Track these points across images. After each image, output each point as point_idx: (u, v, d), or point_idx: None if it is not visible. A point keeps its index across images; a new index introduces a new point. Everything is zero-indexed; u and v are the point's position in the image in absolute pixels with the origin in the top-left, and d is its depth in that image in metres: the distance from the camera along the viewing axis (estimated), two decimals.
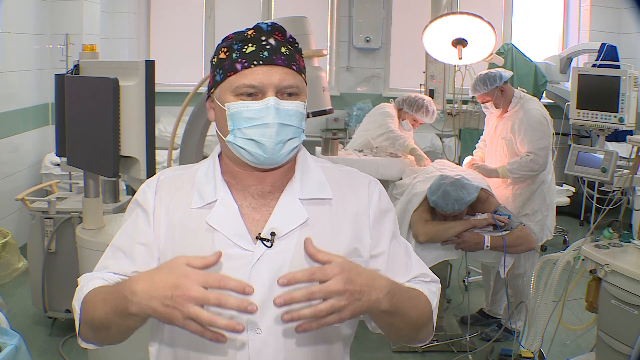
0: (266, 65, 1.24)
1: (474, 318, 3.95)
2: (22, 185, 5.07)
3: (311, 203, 1.31)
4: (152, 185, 1.35)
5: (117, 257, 1.31)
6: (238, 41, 1.27)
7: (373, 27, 6.96)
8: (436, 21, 4.20)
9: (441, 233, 3.25)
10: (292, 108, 1.26)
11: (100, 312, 1.18)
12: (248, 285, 1.06)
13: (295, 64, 1.29)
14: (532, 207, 3.77)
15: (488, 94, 3.80)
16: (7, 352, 1.89)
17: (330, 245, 1.26)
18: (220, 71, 1.28)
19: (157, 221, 1.31)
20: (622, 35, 6.66)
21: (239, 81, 1.25)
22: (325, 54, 2.82)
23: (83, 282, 1.29)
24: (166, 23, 7.16)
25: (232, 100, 1.26)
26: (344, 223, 1.31)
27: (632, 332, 2.50)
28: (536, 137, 3.64)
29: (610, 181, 3.01)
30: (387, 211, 1.39)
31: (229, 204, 1.29)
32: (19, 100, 5.20)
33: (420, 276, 1.38)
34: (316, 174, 1.35)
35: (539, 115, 3.69)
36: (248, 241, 1.26)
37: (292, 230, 1.27)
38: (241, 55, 1.26)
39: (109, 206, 3.61)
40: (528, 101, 3.79)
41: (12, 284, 4.14)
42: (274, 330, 1.23)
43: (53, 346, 3.57)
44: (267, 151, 1.25)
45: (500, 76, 3.76)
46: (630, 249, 2.79)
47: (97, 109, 2.37)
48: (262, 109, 1.23)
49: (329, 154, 4.34)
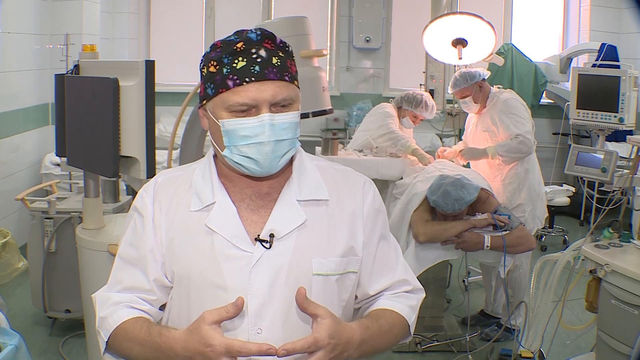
0: (258, 81, 1.23)
1: (475, 319, 3.95)
2: (22, 185, 5.07)
3: (308, 204, 1.33)
4: (149, 190, 1.36)
5: (128, 270, 1.33)
6: (227, 54, 1.25)
7: (373, 27, 6.96)
8: (436, 21, 4.20)
9: (441, 233, 3.25)
10: (287, 120, 1.26)
11: (138, 355, 1.25)
12: (269, 347, 1.13)
13: (288, 73, 1.27)
14: (523, 197, 3.83)
15: (467, 89, 3.90)
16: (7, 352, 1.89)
17: (327, 245, 1.31)
18: (211, 85, 1.27)
19: (158, 226, 1.32)
20: (622, 35, 6.66)
21: (232, 99, 1.24)
22: (325, 54, 2.82)
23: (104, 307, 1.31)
24: (166, 23, 7.16)
25: (226, 117, 1.25)
26: (340, 223, 1.34)
27: (632, 332, 2.50)
28: (520, 121, 3.75)
29: (610, 181, 3.01)
30: (380, 212, 1.42)
31: (227, 206, 1.31)
32: (19, 100, 5.19)
33: (401, 283, 1.42)
34: (313, 175, 1.37)
35: (516, 103, 3.83)
36: (247, 242, 1.28)
37: (290, 232, 1.29)
38: (232, 71, 1.24)
39: (109, 206, 3.61)
40: (504, 93, 3.92)
41: (12, 284, 4.14)
42: (274, 330, 1.26)
43: (53, 346, 3.57)
44: (263, 167, 1.27)
45: (479, 74, 3.90)
46: (630, 249, 2.79)
47: (97, 109, 2.37)
48: (256, 126, 1.24)
49: (329, 153, 4.34)
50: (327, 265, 1.30)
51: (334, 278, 1.32)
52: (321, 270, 1.30)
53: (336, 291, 1.33)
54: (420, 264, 3.28)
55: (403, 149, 4.24)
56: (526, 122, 3.75)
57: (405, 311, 1.38)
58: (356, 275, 1.36)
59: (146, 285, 1.31)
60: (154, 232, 1.32)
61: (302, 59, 2.63)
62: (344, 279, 1.34)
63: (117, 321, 1.28)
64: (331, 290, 1.32)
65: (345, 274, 1.34)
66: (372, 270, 1.38)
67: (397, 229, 3.52)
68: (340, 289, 1.34)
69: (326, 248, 1.31)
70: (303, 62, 2.64)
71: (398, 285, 1.42)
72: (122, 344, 1.27)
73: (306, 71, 2.63)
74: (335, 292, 1.33)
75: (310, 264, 1.29)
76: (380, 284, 1.40)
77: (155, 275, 1.31)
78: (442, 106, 4.71)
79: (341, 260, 1.32)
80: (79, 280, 2.91)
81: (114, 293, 1.33)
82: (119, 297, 1.32)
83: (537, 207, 3.90)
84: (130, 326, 1.26)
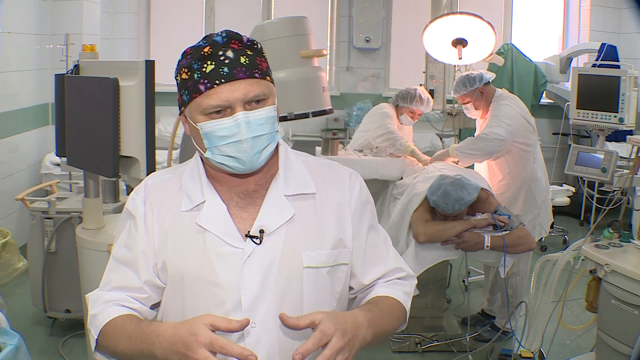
0: (229, 82, 1.25)
1: (475, 319, 3.95)
2: (22, 185, 5.07)
3: (296, 199, 1.35)
4: (140, 192, 1.39)
5: (120, 270, 1.35)
6: (196, 59, 1.28)
7: (373, 27, 6.96)
8: (436, 21, 4.20)
9: (441, 233, 3.25)
10: (262, 116, 1.28)
11: (124, 348, 1.25)
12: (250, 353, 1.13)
13: (258, 70, 1.29)
14: (521, 208, 3.79)
15: (468, 94, 3.84)
16: (7, 352, 1.89)
17: (316, 238, 1.34)
18: (185, 92, 1.30)
19: (150, 227, 1.34)
20: (622, 35, 6.66)
21: (205, 102, 1.26)
22: (325, 54, 2.82)
23: (95, 305, 1.33)
24: (166, 23, 7.16)
25: (203, 120, 1.28)
26: (328, 216, 1.37)
27: (632, 332, 2.50)
28: (495, 123, 3.67)
29: (610, 181, 3.01)
30: (367, 203, 1.45)
31: (217, 204, 1.34)
32: (19, 100, 5.19)
33: (395, 271, 1.45)
34: (299, 169, 1.39)
35: (507, 108, 3.72)
36: (238, 239, 1.31)
37: (279, 227, 1.32)
38: (202, 75, 1.26)
39: (109, 206, 3.61)
40: (505, 98, 3.82)
41: (12, 284, 4.14)
42: (268, 323, 1.28)
43: (53, 346, 3.57)
44: (246, 164, 1.30)
45: (481, 77, 3.80)
46: (630, 249, 2.79)
47: (97, 109, 2.37)
48: (232, 125, 1.26)
49: (329, 153, 4.34)
50: (317, 258, 1.33)
51: (324, 270, 1.34)
52: (311, 263, 1.32)
53: (328, 283, 1.35)
54: (420, 264, 3.28)
55: (402, 149, 4.25)
56: (500, 128, 3.63)
57: (401, 297, 1.42)
58: (347, 267, 1.39)
59: (137, 283, 1.33)
60: (146, 234, 1.34)
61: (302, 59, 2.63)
62: (335, 271, 1.36)
63: (107, 318, 1.29)
64: (323, 283, 1.34)
65: (336, 266, 1.36)
66: (364, 260, 1.41)
67: (397, 229, 3.52)
68: (332, 281, 1.36)
69: (316, 241, 1.33)
70: (303, 62, 2.65)
71: (391, 272, 1.45)
72: (110, 339, 1.28)
73: (306, 71, 2.64)
74: (327, 285, 1.35)
75: (300, 258, 1.31)
76: (374, 273, 1.43)
77: (147, 276, 1.33)
78: (442, 106, 4.70)
79: (331, 253, 1.35)
80: (79, 280, 2.91)
81: (105, 292, 1.35)
82: (110, 295, 1.34)
83: (541, 215, 3.85)
84: (120, 321, 1.28)
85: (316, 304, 1.32)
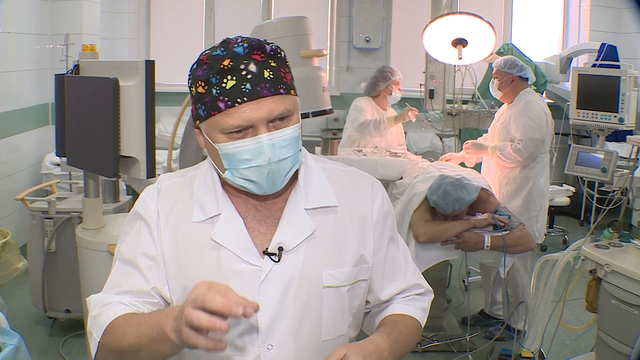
0: (251, 100, 1.14)
1: (475, 319, 3.95)
2: (22, 185, 5.07)
3: (317, 212, 1.27)
4: (152, 195, 1.30)
5: (128, 274, 1.26)
6: (215, 73, 1.16)
7: (373, 27, 6.96)
8: (436, 21, 4.20)
9: (441, 233, 3.25)
10: (287, 136, 1.19)
11: (132, 336, 1.12)
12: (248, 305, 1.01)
13: (282, 85, 1.18)
14: (519, 203, 3.80)
15: (500, 72, 3.92)
16: (7, 352, 1.89)
17: (338, 255, 1.27)
18: (202, 107, 1.19)
19: (160, 232, 1.26)
20: (622, 35, 6.65)
21: (225, 122, 1.16)
22: (325, 54, 2.82)
23: (98, 306, 1.23)
24: (166, 23, 7.16)
25: (223, 140, 1.18)
26: (349, 230, 1.30)
27: (632, 332, 2.50)
28: (530, 127, 3.75)
29: (610, 181, 3.01)
30: (388, 214, 1.39)
31: (234, 217, 1.25)
32: (19, 100, 5.19)
33: (413, 287, 1.41)
34: (319, 179, 1.31)
35: (539, 109, 3.81)
36: (255, 256, 1.23)
37: (299, 244, 1.24)
38: (222, 91, 1.15)
39: (109, 206, 3.61)
40: (532, 95, 3.92)
41: (12, 284, 4.14)
42: (286, 346, 1.23)
43: (53, 346, 3.57)
44: (267, 188, 1.21)
45: (521, 69, 3.87)
46: (630, 249, 2.79)
47: (97, 109, 2.37)
48: (255, 148, 1.16)
49: (329, 153, 4.37)
50: (338, 277, 1.26)
51: (345, 289, 1.28)
52: (332, 283, 1.25)
53: (347, 300, 1.30)
54: (420, 264, 3.28)
55: (385, 124, 4.40)
56: (537, 131, 3.73)
57: (418, 314, 1.39)
58: (367, 283, 1.33)
59: (146, 287, 1.24)
60: (158, 240, 1.26)
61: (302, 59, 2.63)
62: (355, 287, 1.31)
63: (112, 316, 1.18)
64: (342, 301, 1.29)
65: (356, 283, 1.30)
66: (382, 274, 1.36)
67: (397, 229, 3.52)
68: (351, 297, 1.31)
69: (337, 259, 1.26)
70: (303, 62, 2.65)
71: (410, 289, 1.41)
72: (116, 332, 1.15)
73: (306, 71, 2.63)
74: (346, 302, 1.30)
75: (320, 277, 1.24)
76: (392, 288, 1.38)
77: (155, 282, 1.24)
78: (442, 106, 4.71)
79: (352, 270, 1.28)
80: (79, 280, 2.91)
81: (112, 295, 1.25)
82: (116, 298, 1.24)
83: (539, 220, 3.87)
84: (129, 315, 1.17)
85: (335, 323, 1.28)
